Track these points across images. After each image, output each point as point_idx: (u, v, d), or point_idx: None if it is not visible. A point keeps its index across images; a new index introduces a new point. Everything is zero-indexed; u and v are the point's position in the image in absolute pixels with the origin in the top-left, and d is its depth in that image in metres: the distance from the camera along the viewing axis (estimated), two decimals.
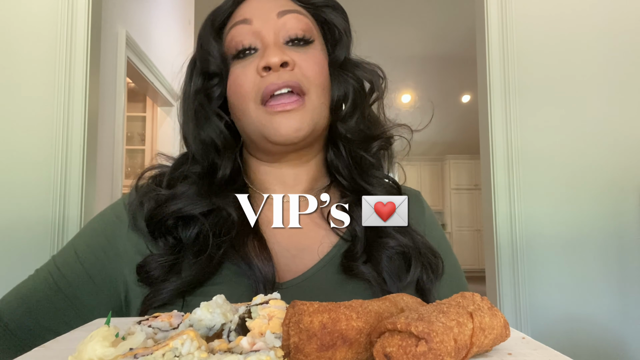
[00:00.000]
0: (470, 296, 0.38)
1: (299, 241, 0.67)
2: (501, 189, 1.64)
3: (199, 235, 0.62)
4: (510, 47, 1.66)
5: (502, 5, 1.68)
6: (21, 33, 1.55)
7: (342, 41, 0.70)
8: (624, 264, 1.60)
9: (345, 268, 0.62)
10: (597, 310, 1.59)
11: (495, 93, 1.66)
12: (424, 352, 0.31)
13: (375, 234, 0.65)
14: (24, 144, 1.52)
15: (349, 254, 0.64)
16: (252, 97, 0.63)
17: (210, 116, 0.66)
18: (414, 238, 0.66)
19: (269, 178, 0.70)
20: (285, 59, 0.62)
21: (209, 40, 0.66)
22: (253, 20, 0.64)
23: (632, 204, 1.62)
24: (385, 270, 0.62)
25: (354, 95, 0.69)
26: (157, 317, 0.40)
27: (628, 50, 1.67)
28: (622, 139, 1.64)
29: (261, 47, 0.64)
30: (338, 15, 0.70)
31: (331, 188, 0.72)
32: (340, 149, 0.71)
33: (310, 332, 0.33)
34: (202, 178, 0.66)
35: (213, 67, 0.66)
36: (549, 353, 0.38)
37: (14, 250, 1.48)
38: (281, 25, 0.64)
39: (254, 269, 0.59)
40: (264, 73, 0.62)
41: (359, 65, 0.71)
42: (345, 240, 0.66)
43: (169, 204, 0.64)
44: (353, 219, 0.67)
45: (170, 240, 0.63)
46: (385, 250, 0.63)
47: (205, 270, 0.60)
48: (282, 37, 0.64)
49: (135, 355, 0.31)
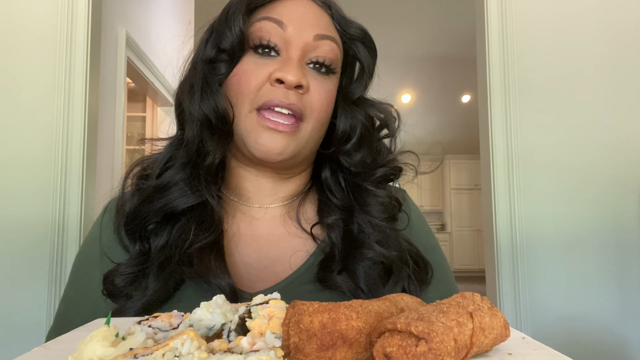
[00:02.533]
0: (470, 296, 0.38)
1: (270, 251, 0.64)
2: (501, 189, 1.64)
3: (166, 245, 0.60)
4: (510, 47, 1.66)
5: (502, 5, 1.68)
6: (21, 33, 1.55)
7: (362, 79, 0.69)
8: (624, 264, 1.60)
9: (321, 279, 0.61)
10: (597, 310, 1.59)
11: (495, 93, 1.66)
12: (424, 352, 0.31)
13: (352, 244, 0.63)
14: (24, 144, 1.52)
15: (324, 264, 0.62)
16: (252, 98, 0.61)
17: (212, 90, 0.62)
18: (399, 246, 0.64)
19: (246, 184, 0.68)
20: (303, 83, 0.60)
21: (237, 16, 0.62)
22: (288, 26, 0.61)
23: (632, 204, 1.62)
24: (362, 281, 0.60)
25: (362, 132, 0.67)
26: (157, 317, 0.40)
27: (628, 50, 1.67)
28: (622, 139, 1.64)
29: (284, 54, 0.61)
30: (368, 54, 0.69)
31: (310, 192, 0.70)
32: (337, 175, 0.69)
33: (310, 332, 0.33)
34: (189, 164, 0.63)
35: (228, 43, 0.62)
36: (549, 353, 0.38)
37: (14, 250, 1.48)
38: (313, 47, 0.62)
39: (212, 285, 0.57)
40: (274, 84, 0.60)
41: (374, 105, 0.69)
42: (322, 249, 0.64)
43: (154, 199, 0.61)
44: (332, 229, 0.64)
45: (139, 248, 0.61)
46: (362, 262, 0.61)
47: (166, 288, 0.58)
48: (309, 57, 0.62)
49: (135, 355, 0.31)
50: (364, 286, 0.60)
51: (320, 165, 0.71)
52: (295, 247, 0.65)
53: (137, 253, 0.61)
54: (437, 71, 6.56)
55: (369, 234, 0.64)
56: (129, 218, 0.62)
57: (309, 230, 0.66)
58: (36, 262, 1.48)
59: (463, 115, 7.38)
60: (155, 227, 0.62)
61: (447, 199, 8.42)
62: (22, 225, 1.49)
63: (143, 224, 0.62)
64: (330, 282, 0.60)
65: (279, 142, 0.60)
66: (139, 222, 0.62)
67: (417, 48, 6.03)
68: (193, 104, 0.62)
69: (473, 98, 7.12)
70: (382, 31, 5.46)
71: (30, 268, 1.48)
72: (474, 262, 7.93)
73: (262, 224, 0.67)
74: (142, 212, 0.62)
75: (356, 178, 0.67)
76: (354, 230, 0.65)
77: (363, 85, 0.69)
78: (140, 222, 0.62)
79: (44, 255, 1.49)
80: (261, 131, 0.60)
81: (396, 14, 5.15)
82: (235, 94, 0.62)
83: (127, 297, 0.59)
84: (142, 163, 0.68)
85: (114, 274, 0.60)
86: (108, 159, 2.43)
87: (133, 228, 0.62)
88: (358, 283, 0.60)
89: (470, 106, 7.17)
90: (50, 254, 1.49)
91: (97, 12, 1.66)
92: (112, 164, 2.50)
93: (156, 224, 0.62)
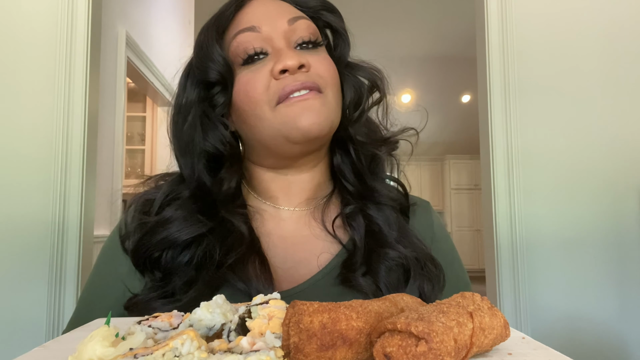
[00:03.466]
0: (470, 296, 0.38)
1: (295, 252, 0.66)
2: (501, 189, 1.64)
3: (192, 260, 0.61)
4: (510, 47, 1.66)
5: (502, 5, 1.68)
6: (21, 33, 1.55)
7: (344, 41, 0.70)
8: (623, 264, 1.60)
9: (344, 279, 0.61)
10: (597, 310, 1.59)
11: (495, 93, 1.66)
12: (424, 352, 0.31)
13: (375, 243, 0.64)
14: (24, 144, 1.52)
15: (347, 264, 0.63)
16: (266, 100, 0.61)
17: (216, 124, 0.64)
18: (416, 248, 0.65)
19: (273, 186, 0.69)
20: (303, 61, 0.61)
21: (211, 47, 0.63)
22: (261, 27, 0.63)
23: (632, 204, 1.62)
24: (383, 283, 0.61)
25: (365, 94, 0.69)
26: (157, 317, 0.40)
27: (628, 50, 1.67)
28: (622, 139, 1.64)
29: (272, 51, 0.63)
30: (335, 17, 0.70)
31: (333, 196, 0.72)
32: (349, 152, 0.69)
33: (310, 332, 0.33)
34: (193, 198, 0.64)
35: (214, 74, 0.64)
36: (549, 353, 0.38)
37: (14, 250, 1.48)
38: (291, 31, 0.63)
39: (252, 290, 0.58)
40: (279, 76, 0.61)
41: (359, 67, 0.70)
42: (347, 249, 0.65)
43: (155, 233, 0.62)
44: (354, 228, 0.66)
45: (157, 275, 0.61)
46: (385, 261, 0.62)
47: (203, 297, 0.57)
48: (293, 41, 0.64)
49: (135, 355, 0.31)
50: (384, 288, 0.61)
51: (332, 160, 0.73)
52: (320, 250, 0.66)
53: (156, 279, 0.61)
54: (437, 71, 6.56)
55: (388, 234, 0.65)
56: (133, 253, 0.63)
57: (332, 230, 0.67)
58: (36, 262, 1.48)
59: (463, 115, 7.38)
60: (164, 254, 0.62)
61: (447, 199, 8.42)
62: (22, 225, 1.49)
63: (147, 254, 0.62)
64: (353, 282, 0.61)
65: (314, 112, 0.60)
66: (142, 253, 0.62)
67: (417, 48, 6.03)
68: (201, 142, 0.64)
69: (473, 98, 7.12)
70: (382, 31, 5.46)
71: (30, 268, 1.48)
72: (474, 262, 7.92)
73: (289, 225, 0.68)
74: (145, 245, 0.62)
75: (366, 148, 0.69)
76: (375, 230, 0.66)
77: (346, 47, 0.70)
78: (144, 254, 0.62)
79: (44, 255, 1.49)
80: (293, 110, 0.60)
81: (396, 14, 5.15)
82: (250, 105, 0.62)
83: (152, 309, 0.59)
84: (143, 196, 0.69)
85: (134, 304, 0.60)
86: (108, 159, 2.43)
87: (139, 261, 0.63)
88: (378, 283, 0.61)
89: (470, 106, 7.17)
90: (50, 254, 1.49)
91: (97, 12, 1.66)
92: (112, 164, 2.50)
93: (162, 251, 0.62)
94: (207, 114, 0.65)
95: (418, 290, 0.63)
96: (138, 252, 0.62)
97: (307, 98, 0.60)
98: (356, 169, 0.69)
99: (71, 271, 1.50)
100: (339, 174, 0.71)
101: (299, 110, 0.60)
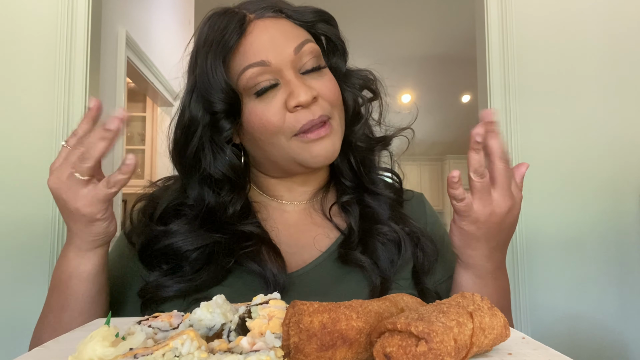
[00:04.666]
0: (470, 296, 0.38)
1: (299, 239, 0.71)
2: None
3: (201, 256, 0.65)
4: (510, 47, 1.66)
5: (502, 5, 1.68)
6: (21, 33, 1.55)
7: (339, 52, 0.73)
8: (624, 264, 1.60)
9: (342, 256, 0.67)
10: (597, 310, 1.59)
11: (495, 93, 1.66)
12: (424, 352, 0.31)
13: (369, 222, 0.70)
14: (24, 144, 1.52)
15: (345, 244, 0.68)
16: (282, 131, 0.64)
17: (224, 150, 0.67)
18: (411, 225, 0.71)
19: (279, 187, 0.74)
20: (314, 94, 0.64)
21: (218, 77, 0.64)
22: (270, 60, 0.64)
23: (632, 204, 1.62)
24: (380, 257, 0.66)
25: (361, 102, 0.73)
26: (157, 317, 0.40)
27: (628, 50, 1.67)
28: (622, 139, 1.64)
29: (282, 82, 0.65)
30: (331, 27, 0.72)
31: (331, 186, 0.77)
32: (348, 156, 0.74)
33: (310, 332, 0.33)
34: (201, 220, 0.67)
35: (221, 105, 0.65)
36: (549, 353, 0.38)
37: (14, 250, 1.48)
38: (298, 59, 0.66)
39: (267, 272, 0.62)
40: (294, 110, 0.64)
41: (355, 74, 0.74)
42: (344, 233, 0.71)
43: (159, 240, 0.66)
44: (350, 214, 0.71)
45: (164, 267, 0.65)
46: (378, 237, 0.68)
47: (215, 277, 0.63)
48: (300, 69, 0.66)
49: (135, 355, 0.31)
50: (379, 260, 0.66)
51: None
52: (319, 234, 0.71)
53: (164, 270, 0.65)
54: (437, 71, 6.55)
55: (381, 213, 0.71)
56: (140, 253, 0.67)
57: (330, 216, 0.73)
58: (36, 262, 1.48)
59: (463, 115, 7.37)
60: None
61: (447, 199, 8.39)
62: (22, 225, 1.49)
63: (155, 255, 0.66)
64: (350, 257, 0.66)
65: (330, 145, 0.66)
66: (148, 255, 0.66)
67: (417, 48, 6.02)
68: (208, 166, 0.66)
69: (473, 98, 7.11)
70: (382, 31, 5.45)
71: (30, 268, 1.47)
72: None
73: (292, 216, 0.74)
74: (150, 247, 0.66)
75: (363, 153, 0.74)
76: (368, 212, 0.72)
77: (342, 57, 0.73)
78: (151, 255, 0.66)
79: (44, 255, 1.49)
80: (311, 146, 0.65)
81: (396, 14, 5.14)
82: (264, 135, 0.65)
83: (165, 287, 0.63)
84: (146, 199, 0.73)
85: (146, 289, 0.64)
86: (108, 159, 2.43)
87: (146, 260, 0.67)
88: (376, 259, 0.66)
89: (470, 106, 7.17)
90: (50, 254, 1.48)
91: (97, 12, 1.66)
92: (112, 164, 2.50)
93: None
94: (213, 138, 0.67)
95: (412, 258, 0.68)
96: (144, 253, 0.67)
97: (321, 135, 0.64)
98: (353, 167, 0.74)
99: None
100: (338, 172, 0.76)
101: (318, 146, 0.65)
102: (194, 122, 0.67)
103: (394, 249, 0.68)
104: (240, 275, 0.64)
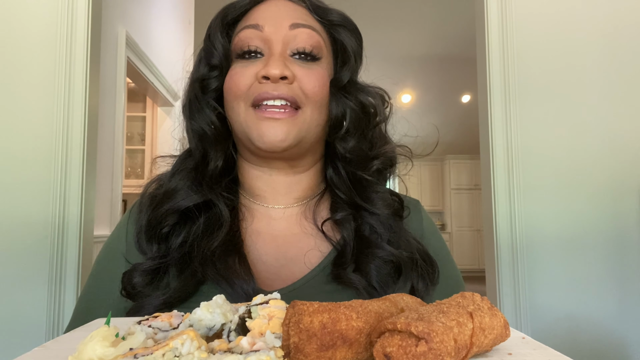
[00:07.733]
0: (470, 296, 0.38)
1: (287, 250, 0.67)
2: (501, 189, 1.64)
3: (184, 242, 0.63)
4: (510, 47, 1.66)
5: (502, 5, 1.68)
6: (21, 33, 1.55)
7: (349, 63, 0.70)
8: (624, 264, 1.60)
9: (335, 276, 0.63)
10: (597, 310, 1.59)
11: (495, 93, 1.66)
12: (424, 352, 0.31)
13: (365, 244, 0.65)
14: (24, 144, 1.52)
15: (338, 261, 0.64)
16: (244, 98, 0.64)
17: (203, 107, 0.68)
18: (410, 247, 0.66)
19: (260, 184, 0.70)
20: (286, 73, 0.62)
21: (216, 34, 0.68)
22: (265, 27, 0.65)
23: (632, 204, 1.62)
24: (375, 279, 0.62)
25: (354, 116, 0.68)
26: (157, 317, 0.40)
27: (628, 50, 1.67)
28: (622, 139, 1.64)
29: (267, 53, 0.65)
30: (352, 38, 0.70)
31: (325, 194, 0.72)
32: (338, 168, 0.70)
33: (310, 332, 0.33)
34: (195, 170, 0.68)
35: (215, 60, 0.67)
36: (549, 353, 0.38)
37: (14, 250, 1.48)
38: (291, 37, 0.65)
39: (236, 289, 0.59)
40: (262, 80, 0.63)
41: (364, 89, 0.70)
42: (337, 248, 0.66)
43: (164, 203, 0.66)
44: (345, 227, 0.67)
45: (157, 248, 0.64)
46: (374, 260, 0.63)
47: (187, 287, 0.60)
48: (290, 48, 0.65)
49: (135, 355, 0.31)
50: (376, 284, 0.62)
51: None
52: (311, 247, 0.67)
53: (156, 253, 0.64)
54: (437, 71, 6.56)
55: (380, 234, 0.66)
56: (146, 226, 0.66)
57: (322, 229, 0.67)
58: (36, 262, 1.48)
59: (463, 115, 7.38)
60: (172, 229, 0.65)
61: (447, 199, 8.42)
62: (22, 225, 1.49)
63: (158, 227, 0.65)
64: (344, 278, 0.62)
65: (279, 129, 0.62)
66: (154, 226, 0.65)
67: (417, 48, 6.03)
68: (190, 120, 0.68)
69: (473, 98, 7.11)
70: (382, 31, 5.46)
71: (30, 268, 1.48)
72: (474, 262, 7.92)
73: (280, 224, 0.69)
74: (155, 216, 0.65)
75: (355, 168, 0.69)
76: (365, 230, 0.67)
77: (350, 69, 0.70)
78: (155, 226, 0.65)
79: (44, 255, 1.49)
80: (260, 123, 0.62)
81: (396, 14, 5.14)
82: (230, 97, 0.66)
83: (144, 297, 0.61)
84: (158, 180, 0.72)
85: (132, 273, 0.62)
86: (108, 159, 2.43)
87: (150, 233, 0.65)
88: (370, 281, 0.62)
89: (470, 106, 7.17)
90: (50, 254, 1.49)
91: (97, 12, 1.66)
92: (112, 164, 2.50)
93: (172, 226, 0.65)
94: (197, 96, 0.69)
95: (411, 286, 0.64)
96: (150, 224, 0.65)
97: (276, 117, 0.62)
98: (348, 181, 0.70)
99: (71, 271, 1.50)
100: (332, 184, 0.71)
101: (267, 122, 0.62)
102: (194, 76, 0.70)
103: (392, 273, 0.64)
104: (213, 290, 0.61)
